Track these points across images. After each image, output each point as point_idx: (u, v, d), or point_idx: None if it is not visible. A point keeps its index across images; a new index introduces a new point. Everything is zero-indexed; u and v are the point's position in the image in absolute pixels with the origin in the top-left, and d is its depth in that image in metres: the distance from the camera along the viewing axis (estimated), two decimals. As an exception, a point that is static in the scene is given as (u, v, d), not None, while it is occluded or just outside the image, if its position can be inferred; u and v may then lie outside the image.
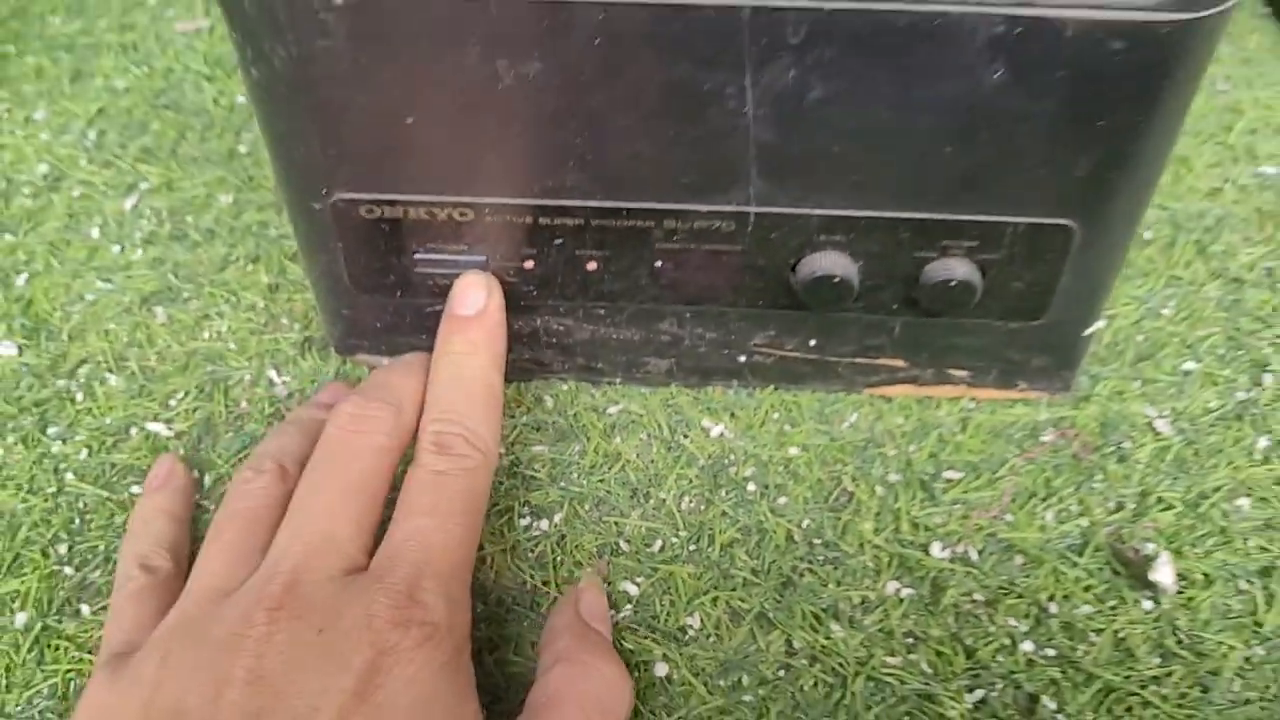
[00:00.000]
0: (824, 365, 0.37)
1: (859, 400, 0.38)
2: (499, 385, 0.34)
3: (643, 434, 0.38)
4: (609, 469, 0.37)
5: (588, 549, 0.35)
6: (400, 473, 0.32)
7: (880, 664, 0.32)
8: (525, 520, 0.36)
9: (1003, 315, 0.34)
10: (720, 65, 0.28)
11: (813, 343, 0.37)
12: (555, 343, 0.38)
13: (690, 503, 0.36)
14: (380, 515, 0.31)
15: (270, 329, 0.41)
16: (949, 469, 0.36)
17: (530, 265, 0.34)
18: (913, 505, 0.35)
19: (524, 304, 0.36)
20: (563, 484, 0.37)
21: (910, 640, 0.33)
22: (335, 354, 0.40)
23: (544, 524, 0.36)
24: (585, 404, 0.39)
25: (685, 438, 0.38)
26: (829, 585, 0.34)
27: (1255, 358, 0.39)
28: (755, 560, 0.34)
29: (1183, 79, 0.28)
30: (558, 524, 0.36)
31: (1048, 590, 0.33)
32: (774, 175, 0.31)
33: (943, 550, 0.34)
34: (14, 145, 0.48)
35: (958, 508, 0.35)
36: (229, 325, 0.41)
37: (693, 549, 0.35)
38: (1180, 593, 0.33)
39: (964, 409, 0.38)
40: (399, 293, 0.36)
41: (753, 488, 0.36)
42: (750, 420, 0.38)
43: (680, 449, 0.37)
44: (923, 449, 0.37)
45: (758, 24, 0.27)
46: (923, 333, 0.36)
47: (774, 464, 0.37)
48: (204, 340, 0.41)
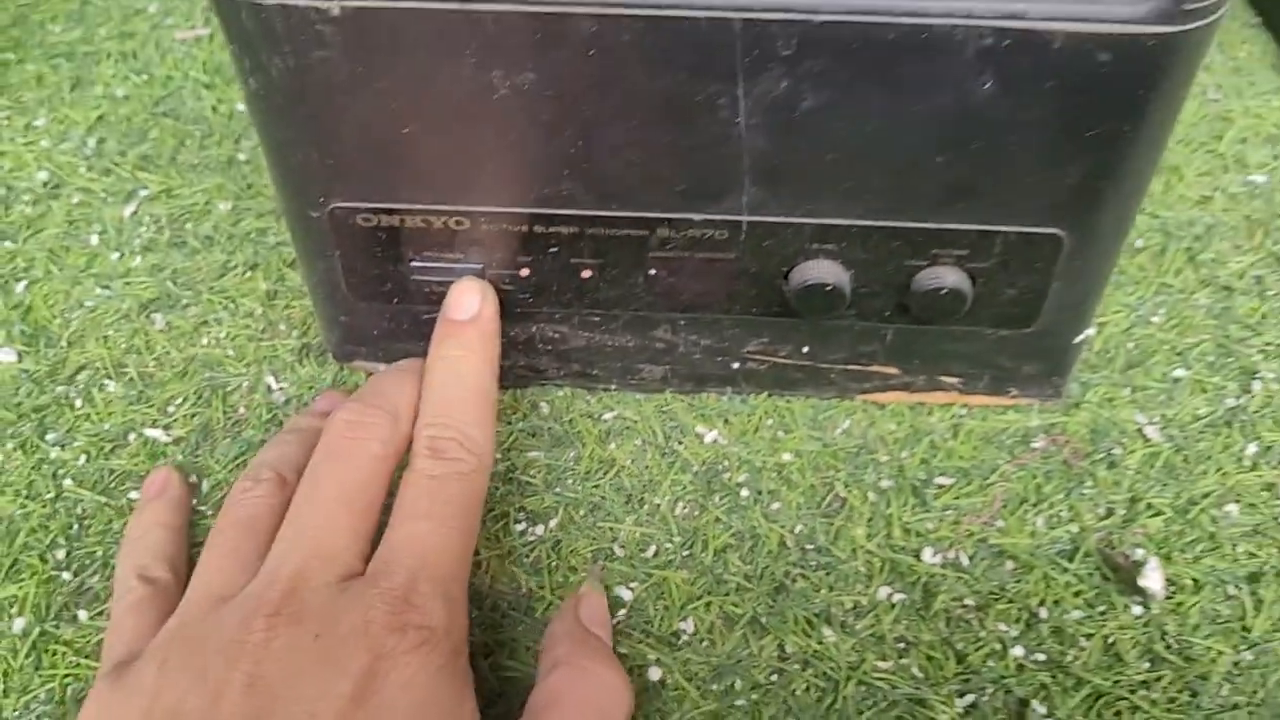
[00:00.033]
0: (817, 372, 0.38)
1: (852, 407, 0.39)
2: (493, 389, 0.34)
3: (637, 440, 0.38)
4: (604, 475, 0.37)
5: (582, 554, 0.35)
6: (396, 478, 0.32)
7: (872, 669, 0.32)
8: (521, 525, 0.36)
9: (993, 323, 0.35)
10: (712, 76, 0.28)
11: (805, 350, 0.37)
12: (551, 349, 0.38)
13: (684, 508, 0.36)
14: (377, 521, 0.31)
15: (268, 335, 0.41)
16: (941, 475, 0.37)
17: (526, 273, 0.35)
18: (904, 511, 0.36)
19: (520, 311, 0.36)
20: (558, 489, 0.37)
21: (901, 645, 0.33)
22: (333, 360, 0.40)
23: (539, 529, 0.36)
24: (580, 410, 0.39)
25: (679, 444, 0.38)
26: (821, 590, 0.34)
27: (1244, 365, 0.39)
28: (748, 565, 0.35)
29: (1170, 90, 0.28)
30: (553, 529, 0.36)
31: (1038, 595, 0.34)
32: (766, 184, 0.31)
33: (934, 556, 0.35)
34: (14, 152, 0.49)
35: (949, 513, 0.36)
36: (227, 332, 0.41)
37: (686, 554, 0.35)
38: (1169, 598, 0.33)
39: (956, 415, 0.38)
40: (396, 300, 0.36)
41: (746, 493, 0.36)
42: (744, 426, 0.38)
43: (674, 455, 0.38)
44: (915, 455, 0.37)
45: (749, 35, 0.27)
46: (914, 340, 0.36)
47: (767, 470, 0.37)
48: (202, 347, 0.41)
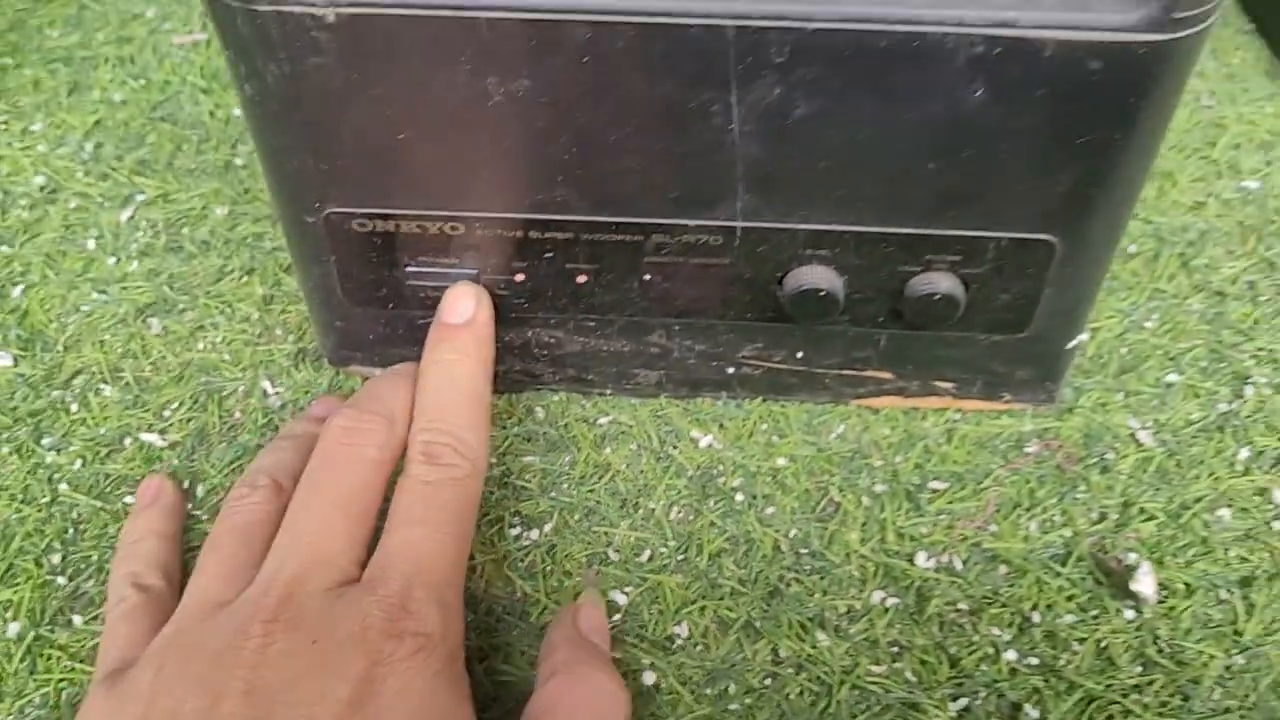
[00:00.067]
0: (811, 377, 0.38)
1: (846, 411, 0.39)
2: (487, 393, 0.34)
3: (632, 445, 0.38)
4: (599, 479, 0.37)
5: (577, 559, 0.35)
6: (391, 483, 0.32)
7: (865, 673, 0.32)
8: (515, 530, 0.36)
9: (987, 328, 0.35)
10: (706, 83, 0.28)
11: (800, 355, 0.37)
12: (546, 354, 0.38)
13: (679, 513, 0.36)
14: (373, 526, 0.31)
15: (264, 340, 0.42)
16: (934, 479, 0.37)
17: (521, 278, 0.35)
18: (898, 515, 0.36)
19: (515, 316, 0.36)
20: (553, 494, 0.37)
21: (895, 649, 0.33)
22: (329, 365, 0.40)
23: (534, 534, 0.36)
24: (576, 415, 0.39)
25: (674, 448, 0.38)
26: (815, 595, 0.34)
27: (1237, 370, 0.40)
28: (743, 570, 0.35)
29: (1161, 98, 0.29)
30: (548, 534, 0.36)
31: (1031, 600, 0.34)
32: (760, 190, 0.31)
33: (928, 560, 0.35)
34: (11, 157, 0.49)
35: (943, 518, 0.36)
36: (223, 336, 0.42)
37: (681, 559, 0.35)
38: (1161, 602, 0.34)
39: (950, 420, 0.38)
40: (391, 305, 0.36)
41: (741, 498, 0.37)
42: (739, 431, 0.38)
43: (669, 460, 0.38)
44: (909, 460, 0.37)
45: (742, 43, 0.27)
46: (908, 345, 0.36)
47: (762, 474, 0.37)
48: (198, 351, 0.41)
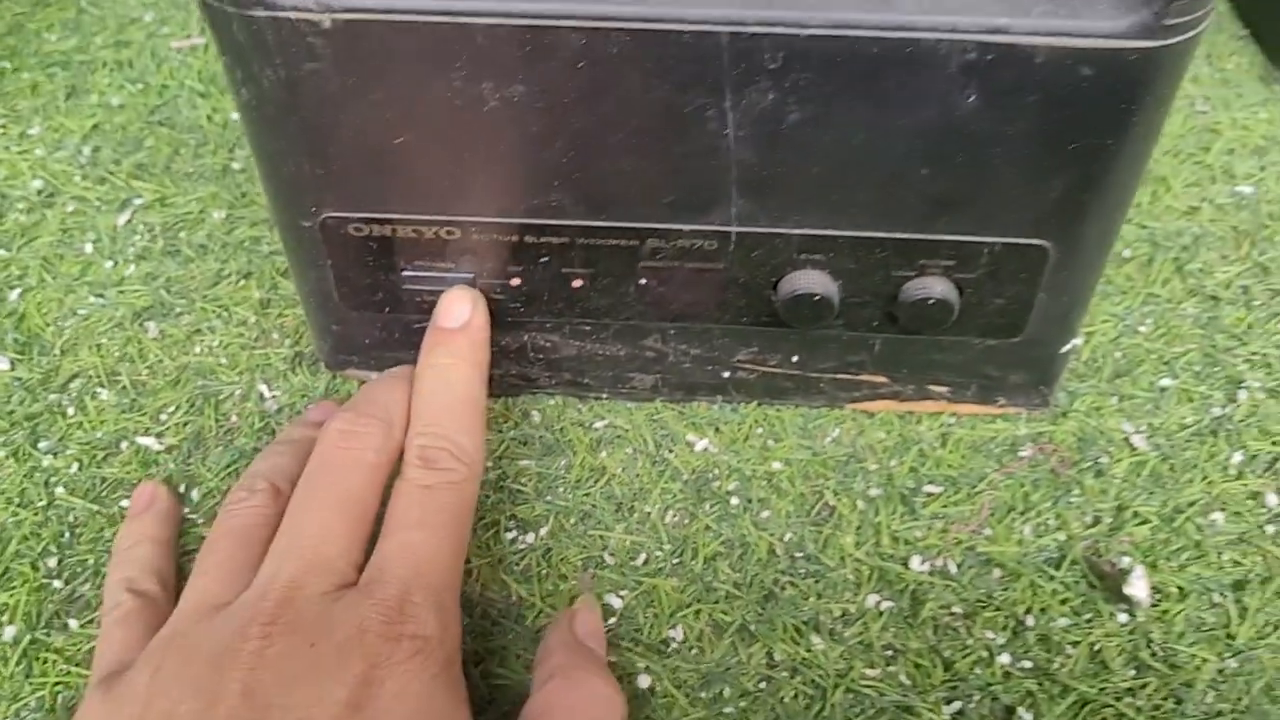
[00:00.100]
0: (806, 381, 0.38)
1: (841, 415, 0.39)
2: (483, 397, 0.34)
3: (628, 449, 0.38)
4: (594, 483, 0.37)
5: (573, 562, 0.35)
6: (388, 486, 0.32)
7: (860, 676, 0.33)
8: (511, 534, 0.36)
9: (981, 333, 0.35)
10: (700, 88, 0.28)
11: (795, 359, 0.37)
12: (542, 358, 0.38)
13: (674, 517, 0.36)
14: (371, 530, 0.31)
15: (261, 344, 0.42)
16: (929, 483, 0.37)
17: (517, 282, 0.35)
18: (893, 519, 0.36)
19: (511, 320, 0.36)
20: (549, 498, 0.37)
21: (889, 653, 0.33)
22: (325, 369, 0.40)
23: (530, 537, 0.36)
24: (571, 419, 0.39)
25: (670, 452, 0.38)
26: (810, 598, 0.34)
27: (1230, 374, 0.40)
28: (738, 573, 0.35)
29: (1152, 104, 0.29)
30: (543, 537, 0.36)
31: (1025, 603, 0.34)
32: (755, 195, 0.31)
33: (922, 564, 0.35)
34: (9, 161, 0.49)
35: (937, 522, 0.36)
36: (220, 340, 0.42)
37: (676, 562, 0.35)
38: (1155, 606, 0.34)
39: (944, 424, 0.38)
40: (388, 309, 0.36)
41: (736, 502, 0.37)
42: (734, 435, 0.38)
43: (665, 463, 0.38)
44: (903, 464, 0.37)
45: (736, 48, 0.27)
46: (903, 349, 0.36)
47: (757, 478, 0.37)
48: (195, 355, 0.41)
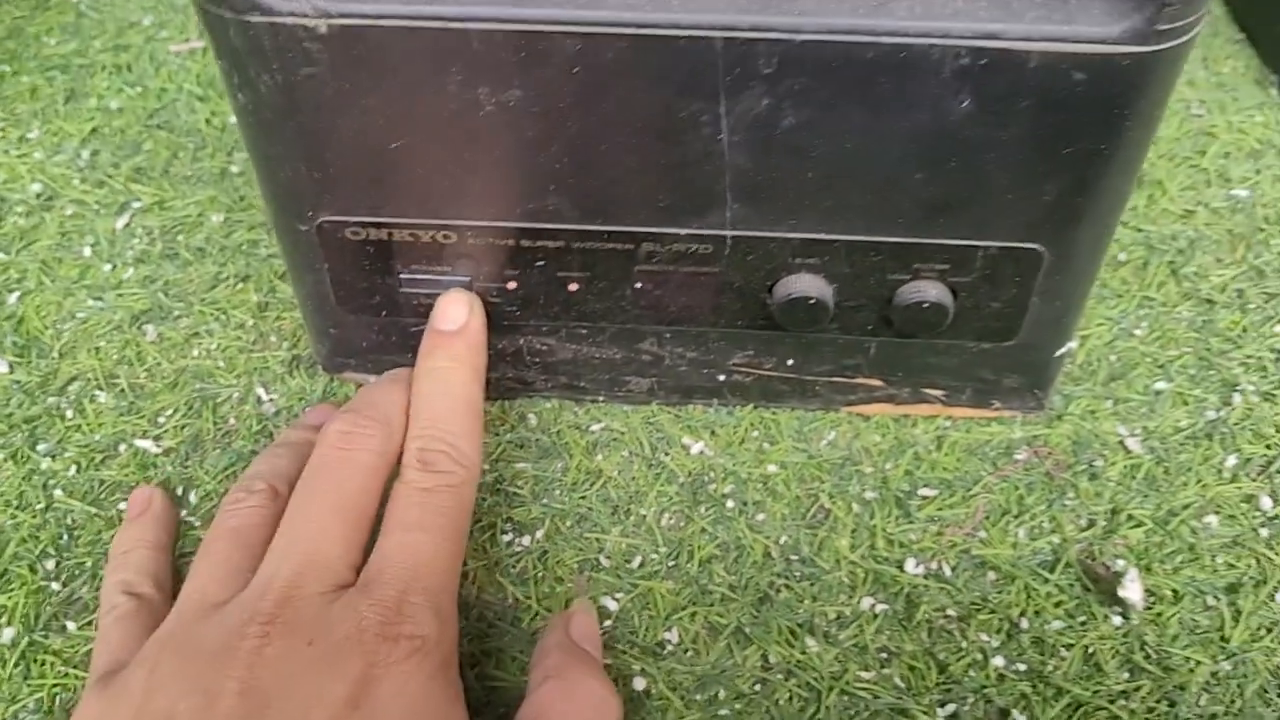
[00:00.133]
0: (802, 384, 0.38)
1: (837, 419, 0.39)
2: (480, 399, 0.34)
3: (624, 451, 0.38)
4: (590, 486, 0.37)
5: (569, 565, 0.36)
6: (386, 488, 0.32)
7: (854, 678, 0.33)
8: (508, 536, 0.36)
9: (975, 336, 0.35)
10: (695, 93, 0.29)
11: (790, 362, 0.37)
12: (538, 362, 0.38)
13: (670, 519, 0.37)
14: (370, 531, 0.31)
15: (259, 347, 0.42)
16: (924, 486, 0.37)
17: (513, 286, 0.35)
18: (888, 522, 0.36)
19: (507, 324, 0.36)
20: (545, 501, 0.37)
21: (884, 655, 0.33)
22: (323, 372, 0.40)
23: (526, 540, 0.36)
24: (568, 422, 0.39)
25: (666, 455, 0.38)
26: (805, 601, 0.34)
27: (1225, 378, 0.40)
28: (733, 576, 0.35)
29: (1146, 109, 0.29)
30: (539, 540, 0.36)
31: (1019, 606, 0.34)
32: (750, 200, 0.31)
33: (917, 566, 0.35)
34: (8, 164, 0.49)
35: (932, 525, 0.36)
36: (218, 343, 0.42)
37: (672, 565, 0.35)
38: (1149, 609, 0.34)
39: (940, 427, 0.39)
40: (385, 312, 0.36)
41: (731, 505, 0.37)
42: (730, 438, 0.39)
43: (661, 466, 0.38)
44: (899, 467, 0.38)
45: (731, 54, 0.28)
46: (898, 353, 0.36)
47: (753, 481, 0.37)
48: (193, 358, 0.41)
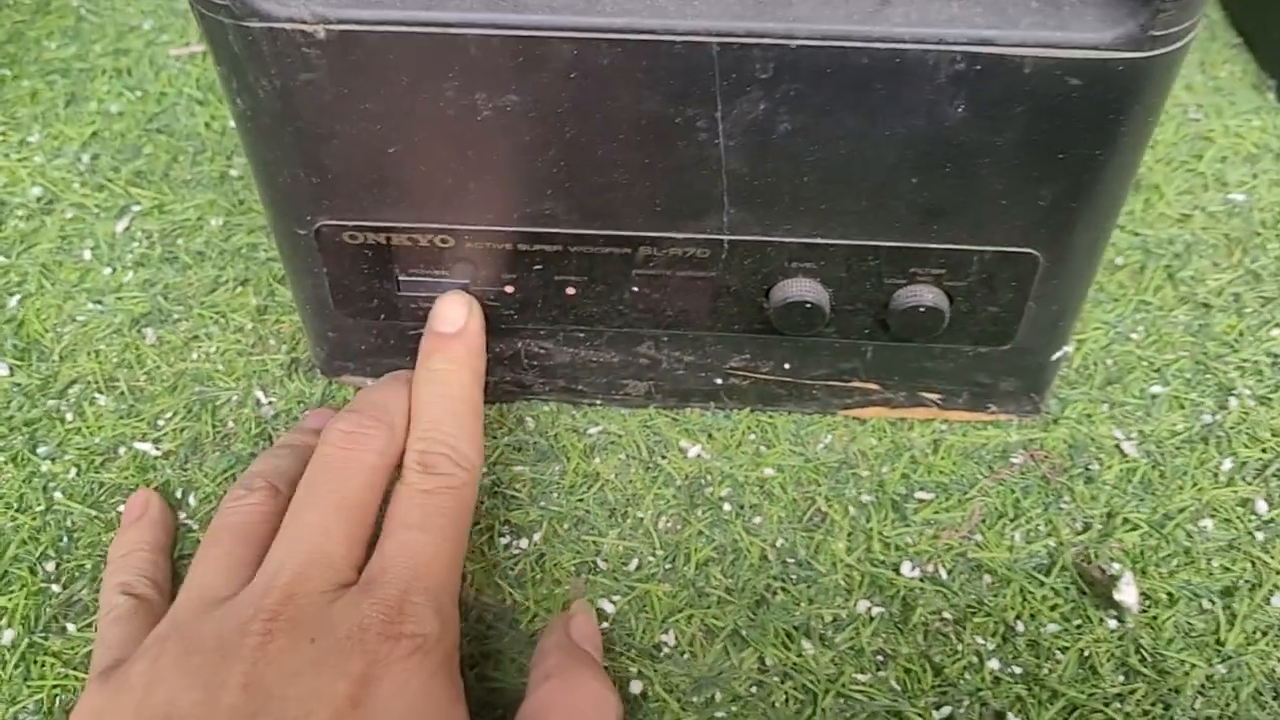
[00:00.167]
0: (799, 388, 0.38)
1: (833, 422, 0.39)
2: (480, 401, 0.35)
3: (621, 455, 0.38)
4: (588, 489, 0.38)
5: (566, 567, 0.36)
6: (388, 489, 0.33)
7: (850, 681, 0.33)
8: (505, 539, 0.36)
9: (971, 340, 0.35)
10: (691, 98, 0.29)
11: (787, 366, 0.37)
12: (536, 365, 0.38)
13: (667, 522, 0.37)
14: (372, 531, 0.32)
15: (258, 350, 0.42)
16: (920, 490, 0.37)
17: (511, 289, 0.35)
18: (884, 525, 0.36)
19: (505, 327, 0.37)
20: (542, 503, 0.37)
21: (880, 658, 0.33)
22: (321, 375, 0.41)
23: (523, 543, 0.36)
24: (565, 425, 0.39)
25: (663, 458, 0.38)
26: (801, 604, 0.35)
27: (1221, 382, 0.40)
28: (730, 579, 0.35)
29: (1140, 113, 0.29)
30: (537, 543, 0.36)
31: (1015, 609, 0.34)
32: (746, 204, 0.32)
33: (913, 569, 0.35)
34: (8, 168, 0.49)
35: (928, 528, 0.36)
36: (217, 346, 0.42)
37: (669, 568, 0.36)
38: (1144, 612, 0.34)
39: (936, 431, 0.39)
40: (383, 316, 0.37)
41: (728, 508, 0.37)
42: (727, 441, 0.39)
43: (658, 469, 0.38)
44: (895, 470, 0.38)
45: (727, 59, 0.28)
46: (894, 357, 0.37)
47: (749, 484, 0.37)
48: (193, 361, 0.42)
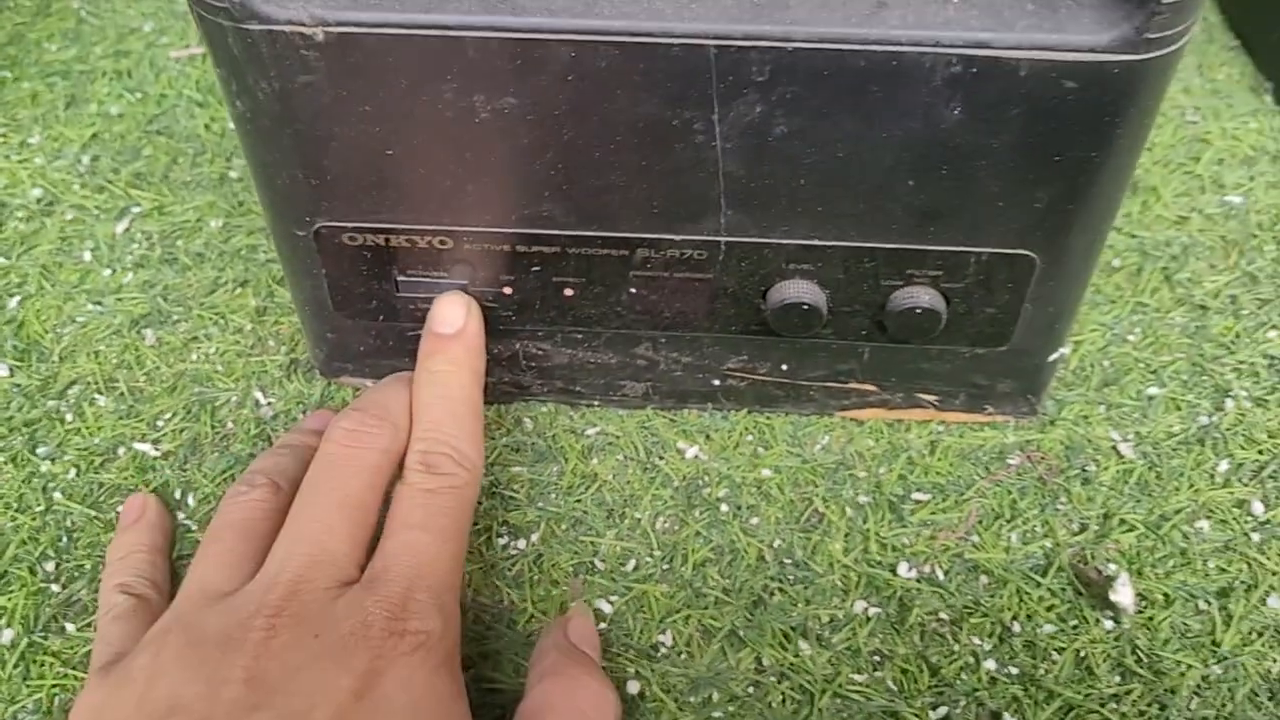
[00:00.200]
0: (796, 389, 0.38)
1: (831, 423, 0.39)
2: (480, 401, 0.35)
3: (619, 455, 0.39)
4: (586, 490, 0.38)
5: (564, 568, 0.36)
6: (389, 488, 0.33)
7: (847, 681, 0.33)
8: (503, 540, 0.37)
9: (968, 341, 0.35)
10: (689, 101, 0.29)
11: (785, 367, 0.37)
12: (534, 366, 0.38)
13: (665, 523, 0.37)
14: (374, 529, 0.32)
15: (257, 351, 0.42)
16: (917, 491, 0.37)
17: (509, 291, 0.35)
18: (881, 526, 0.36)
19: (503, 328, 0.37)
20: (540, 504, 0.37)
21: (877, 658, 0.33)
22: (320, 376, 0.41)
23: (521, 543, 0.36)
24: (564, 426, 0.39)
25: (661, 459, 0.38)
26: (799, 604, 0.35)
27: (1218, 383, 0.40)
28: (727, 579, 0.35)
29: (1136, 116, 0.29)
30: (535, 543, 0.36)
31: (1011, 610, 0.34)
32: (743, 206, 0.32)
33: (910, 570, 0.35)
34: (8, 169, 0.49)
35: (925, 529, 0.36)
36: (217, 347, 0.42)
37: (666, 568, 0.36)
38: (1140, 613, 0.34)
39: (933, 432, 0.39)
40: (382, 317, 0.37)
41: (726, 508, 0.37)
42: (724, 442, 0.39)
43: (656, 470, 0.38)
44: (892, 471, 0.38)
45: (723, 61, 0.28)
46: (891, 358, 0.37)
47: (747, 485, 0.38)
48: (192, 362, 0.42)
